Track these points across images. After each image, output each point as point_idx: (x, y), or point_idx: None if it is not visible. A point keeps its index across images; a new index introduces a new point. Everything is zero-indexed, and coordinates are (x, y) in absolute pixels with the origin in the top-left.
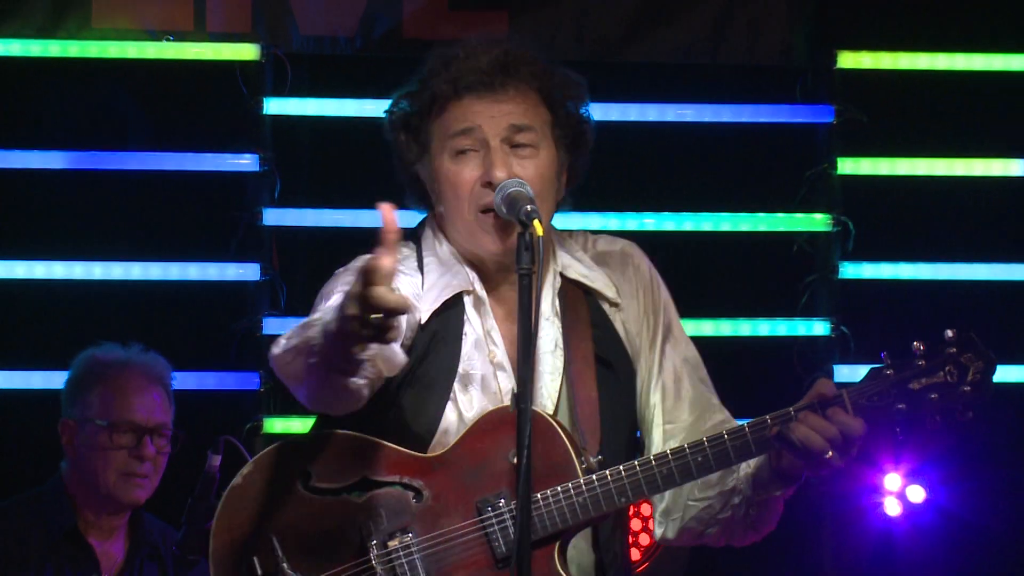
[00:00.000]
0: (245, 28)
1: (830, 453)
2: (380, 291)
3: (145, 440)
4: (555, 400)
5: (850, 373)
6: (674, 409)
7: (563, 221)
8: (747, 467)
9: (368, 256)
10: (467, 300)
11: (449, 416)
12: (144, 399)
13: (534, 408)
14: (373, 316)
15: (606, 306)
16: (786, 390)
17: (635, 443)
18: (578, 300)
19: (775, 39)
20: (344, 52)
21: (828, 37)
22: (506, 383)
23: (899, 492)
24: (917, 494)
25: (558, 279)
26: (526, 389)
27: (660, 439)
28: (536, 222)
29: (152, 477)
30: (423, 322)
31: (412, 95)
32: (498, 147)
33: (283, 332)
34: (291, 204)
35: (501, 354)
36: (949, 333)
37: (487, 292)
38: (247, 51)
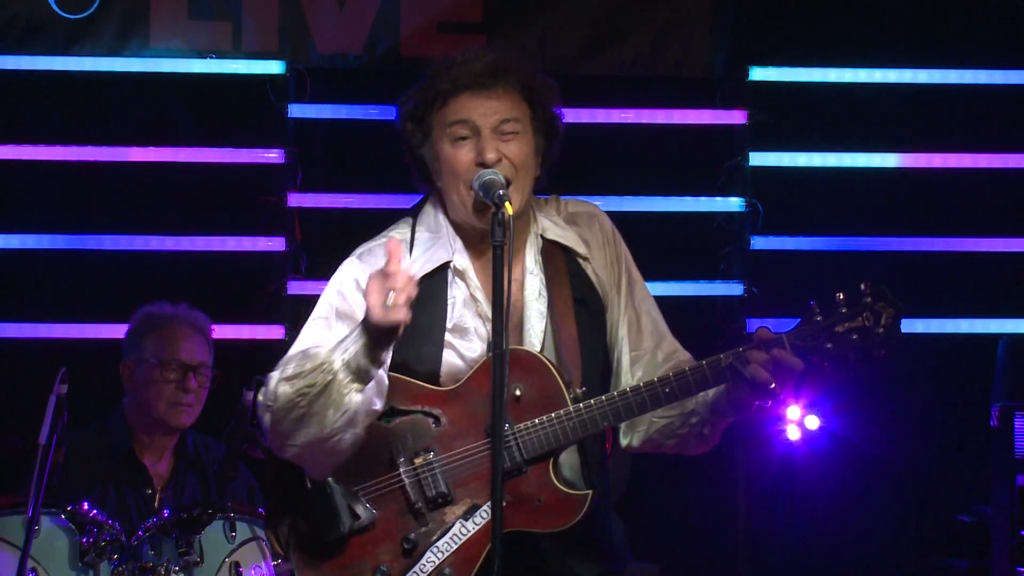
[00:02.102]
0: (273, 48)
1: (773, 384)
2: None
3: (189, 376)
4: (542, 339)
5: (759, 325)
6: (637, 339)
7: None
8: (704, 395)
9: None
10: (450, 269)
11: (449, 359)
12: (188, 343)
13: (526, 348)
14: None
15: (579, 259)
16: (709, 338)
17: (608, 370)
18: (556, 255)
19: (699, 57)
20: (353, 66)
21: (741, 55)
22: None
23: (799, 421)
24: (813, 422)
25: (539, 240)
26: (500, 338)
27: (628, 364)
28: (507, 204)
29: (195, 406)
30: None
31: (419, 92)
32: (489, 135)
33: (304, 294)
34: (310, 189)
35: (486, 308)
36: (863, 286)
37: (473, 258)
38: (274, 66)
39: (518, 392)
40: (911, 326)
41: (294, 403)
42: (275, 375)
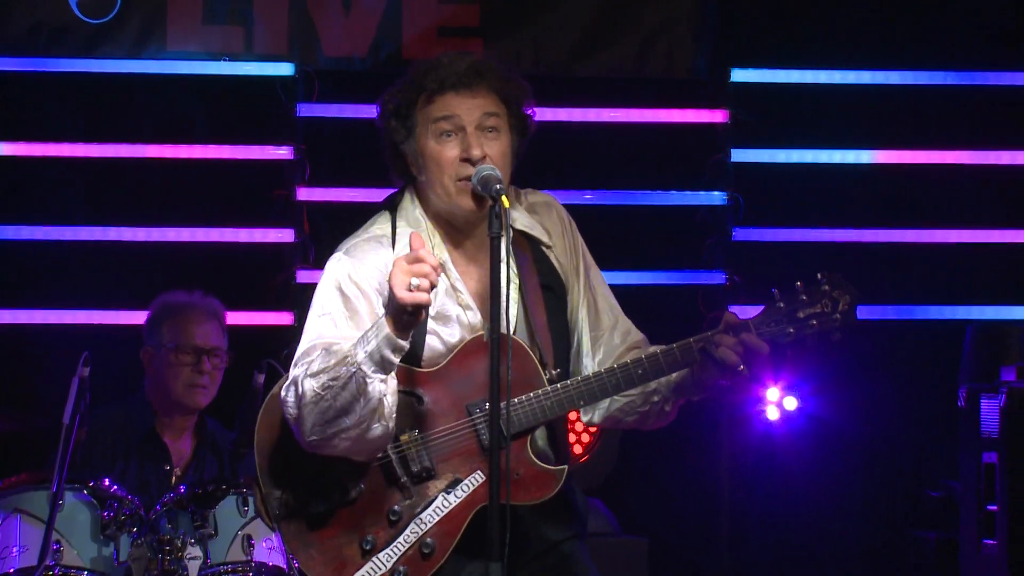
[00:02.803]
0: (283, 51)
1: (741, 366)
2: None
3: (203, 359)
4: (515, 324)
5: (740, 312)
6: (596, 320)
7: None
8: (668, 375)
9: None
10: None
11: (431, 344)
12: (202, 329)
13: (503, 332)
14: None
15: (543, 248)
16: (692, 323)
17: (570, 351)
18: (524, 245)
19: (684, 60)
20: (358, 69)
21: (723, 59)
22: (474, 318)
23: (778, 402)
24: (791, 403)
25: (510, 230)
26: (497, 325)
27: (588, 345)
28: (504, 197)
29: (210, 387)
30: None
31: (403, 91)
32: (473, 131)
33: (312, 283)
34: (318, 184)
35: (467, 297)
36: (820, 275)
37: (452, 251)
38: (284, 68)
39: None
40: (883, 313)
41: (320, 396)
42: (298, 372)
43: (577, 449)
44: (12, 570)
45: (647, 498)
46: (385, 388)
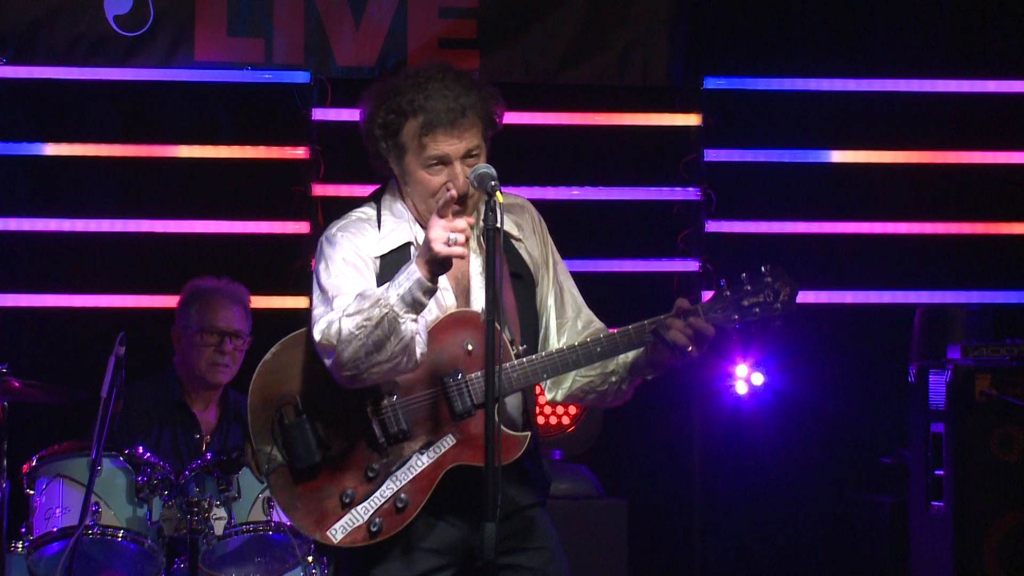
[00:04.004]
0: (299, 61)
1: (690, 348)
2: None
3: (226, 340)
4: (485, 305)
5: (680, 297)
6: (561, 309)
7: (529, 192)
8: (624, 356)
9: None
10: (412, 248)
11: None
12: (226, 313)
13: (475, 311)
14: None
15: (513, 240)
16: (669, 306)
17: (537, 333)
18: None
19: (660, 68)
20: (367, 77)
21: (696, 67)
22: (449, 299)
23: (746, 377)
24: (758, 379)
25: (482, 224)
26: (493, 307)
27: (554, 330)
28: (498, 193)
29: (231, 366)
30: (382, 255)
31: (393, 110)
32: (458, 164)
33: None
34: (331, 181)
35: (443, 281)
36: (764, 268)
37: None
38: (300, 76)
39: (470, 347)
40: (841, 297)
41: (354, 335)
42: (332, 315)
43: (565, 420)
44: (56, 529)
45: (628, 464)
46: (416, 327)
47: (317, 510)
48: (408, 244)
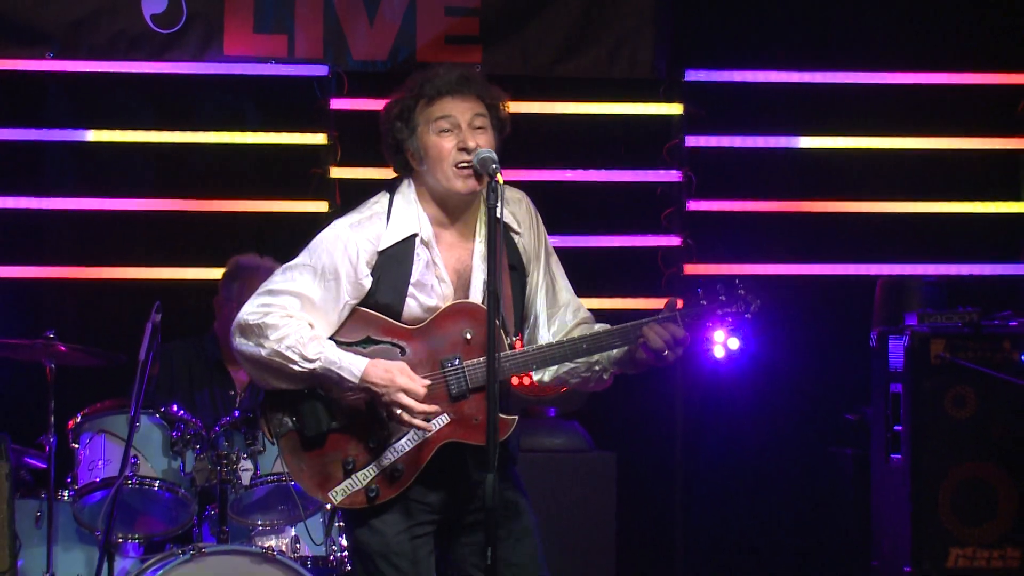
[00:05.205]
0: (319, 55)
1: (667, 352)
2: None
3: None
4: (484, 296)
5: (693, 270)
6: (553, 299)
7: (527, 174)
8: (609, 351)
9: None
10: (417, 239)
11: (410, 306)
12: None
13: (474, 302)
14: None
15: (512, 233)
16: (653, 277)
17: (525, 321)
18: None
19: (646, 62)
20: (380, 70)
21: (678, 61)
22: (447, 289)
23: (723, 342)
24: (734, 343)
25: (506, 201)
26: (493, 282)
27: (544, 320)
28: (499, 174)
29: None
30: (384, 249)
31: (405, 98)
32: (466, 127)
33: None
34: (348, 164)
35: (443, 271)
36: (738, 281)
37: (437, 233)
38: (320, 69)
39: (468, 335)
40: (810, 269)
41: (263, 361)
42: (271, 319)
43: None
44: (98, 479)
45: (617, 421)
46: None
47: (321, 473)
48: (413, 236)
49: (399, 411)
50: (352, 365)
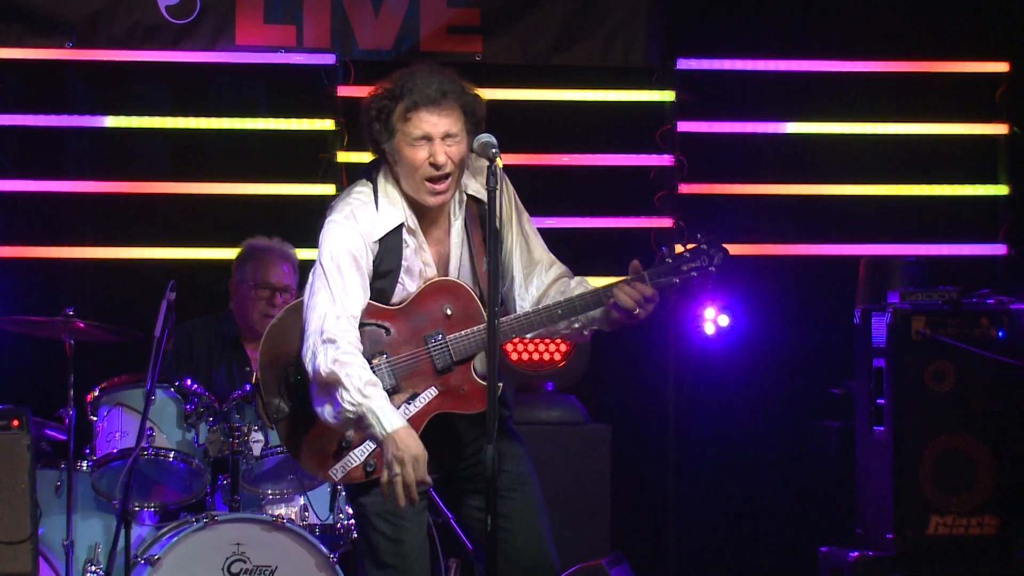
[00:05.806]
0: (326, 44)
1: (637, 310)
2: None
3: (276, 295)
4: (459, 270)
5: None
6: (529, 259)
7: (525, 158)
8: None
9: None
10: (404, 228)
11: (399, 289)
12: (276, 270)
13: (452, 279)
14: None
15: (484, 206)
16: (646, 256)
17: (501, 287)
18: (472, 206)
19: (640, 51)
20: (385, 59)
21: (670, 50)
22: (431, 272)
23: (713, 319)
24: (724, 320)
25: (464, 195)
26: (494, 259)
27: (522, 279)
28: (498, 159)
29: None
30: (380, 238)
31: (385, 101)
32: (438, 142)
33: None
34: (354, 149)
35: (428, 256)
36: (699, 236)
37: (420, 220)
38: (327, 58)
39: (448, 311)
40: (796, 250)
41: (326, 384)
42: (335, 351)
43: (556, 356)
44: (116, 450)
45: (612, 395)
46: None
47: (319, 453)
48: (400, 226)
49: (396, 469)
50: (388, 420)
